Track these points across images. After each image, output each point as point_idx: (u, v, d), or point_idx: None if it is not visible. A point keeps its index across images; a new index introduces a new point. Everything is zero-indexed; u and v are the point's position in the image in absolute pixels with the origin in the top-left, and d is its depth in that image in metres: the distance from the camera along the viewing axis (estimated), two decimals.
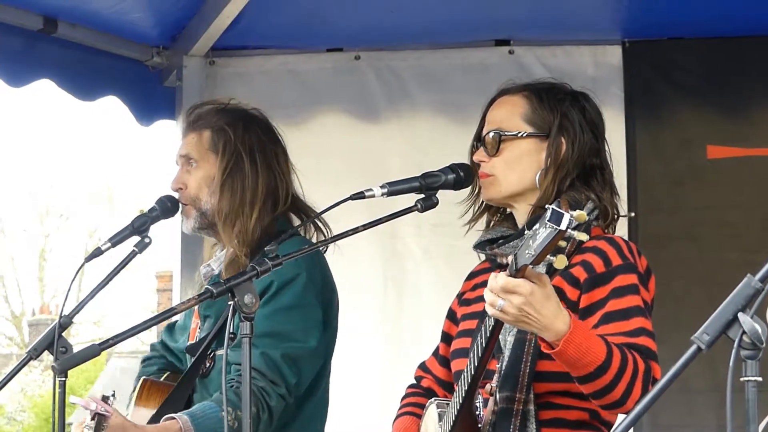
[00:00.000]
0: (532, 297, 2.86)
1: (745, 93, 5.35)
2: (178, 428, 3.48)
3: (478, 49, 5.48)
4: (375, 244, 5.38)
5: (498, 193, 3.34)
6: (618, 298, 3.14)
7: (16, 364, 3.41)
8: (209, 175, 3.83)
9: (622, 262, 3.19)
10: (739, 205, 5.30)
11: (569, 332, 2.92)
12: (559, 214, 2.67)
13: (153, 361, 4.05)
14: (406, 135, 5.49)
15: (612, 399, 3.01)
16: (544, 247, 2.71)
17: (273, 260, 3.04)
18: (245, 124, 3.86)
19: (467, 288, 3.53)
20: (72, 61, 5.26)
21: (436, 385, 3.53)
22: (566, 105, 3.35)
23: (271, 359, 3.60)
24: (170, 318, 3.53)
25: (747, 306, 2.17)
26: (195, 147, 3.86)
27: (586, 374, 2.98)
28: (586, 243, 3.12)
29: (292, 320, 3.66)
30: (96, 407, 3.32)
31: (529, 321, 2.90)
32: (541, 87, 3.40)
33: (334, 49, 5.55)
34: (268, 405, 3.57)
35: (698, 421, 5.11)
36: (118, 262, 3.52)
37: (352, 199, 3.15)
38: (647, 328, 3.12)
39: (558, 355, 2.95)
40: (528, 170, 3.31)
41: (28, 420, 31.58)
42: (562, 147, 3.30)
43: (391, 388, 3.78)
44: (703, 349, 2.18)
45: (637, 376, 3.00)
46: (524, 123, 3.34)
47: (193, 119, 3.91)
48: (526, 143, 3.33)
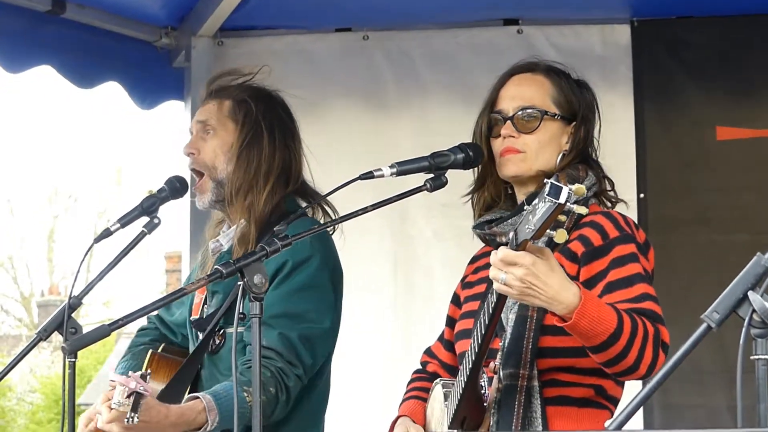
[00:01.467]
0: (535, 268, 2.86)
1: (754, 73, 5.32)
2: (202, 408, 3.47)
3: (486, 28, 5.46)
4: (385, 226, 5.38)
5: (528, 171, 3.33)
6: (619, 267, 3.15)
7: (25, 345, 3.41)
8: (226, 142, 3.82)
9: (620, 234, 3.20)
10: (750, 187, 5.28)
11: (581, 304, 2.92)
12: (558, 188, 2.69)
13: (147, 332, 4.05)
14: (415, 115, 5.48)
15: (625, 365, 3.02)
16: (544, 221, 2.72)
17: (282, 240, 3.04)
18: (267, 100, 3.87)
19: (469, 271, 3.54)
20: (74, 46, 5.24)
21: (442, 369, 3.54)
22: (585, 92, 3.41)
23: (289, 340, 3.60)
24: (180, 298, 3.52)
25: (757, 284, 2.17)
26: (214, 114, 3.84)
27: (599, 344, 2.98)
28: (584, 218, 3.14)
29: (307, 301, 3.66)
30: (135, 385, 3.23)
31: (534, 293, 2.90)
32: (561, 71, 3.43)
33: (342, 29, 5.54)
34: (286, 385, 3.57)
35: (708, 402, 5.10)
36: (127, 243, 3.52)
37: (361, 179, 3.15)
38: (651, 294, 3.13)
39: (571, 328, 2.95)
40: (553, 152, 3.34)
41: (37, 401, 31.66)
42: (581, 133, 3.35)
43: (401, 370, 3.78)
44: (713, 327, 2.18)
45: (647, 341, 3.01)
46: (554, 105, 3.37)
47: (215, 88, 3.90)
48: (556, 125, 3.35)
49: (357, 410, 5.08)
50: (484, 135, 3.40)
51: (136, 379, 3.24)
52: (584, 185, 2.94)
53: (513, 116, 3.35)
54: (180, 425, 3.47)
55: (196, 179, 3.87)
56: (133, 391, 3.23)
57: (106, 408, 3.33)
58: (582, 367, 3.16)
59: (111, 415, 3.31)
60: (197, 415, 3.47)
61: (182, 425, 3.47)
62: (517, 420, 3.14)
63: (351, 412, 4.95)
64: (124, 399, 3.23)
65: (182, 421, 3.46)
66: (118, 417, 3.29)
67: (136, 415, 3.23)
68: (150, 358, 3.80)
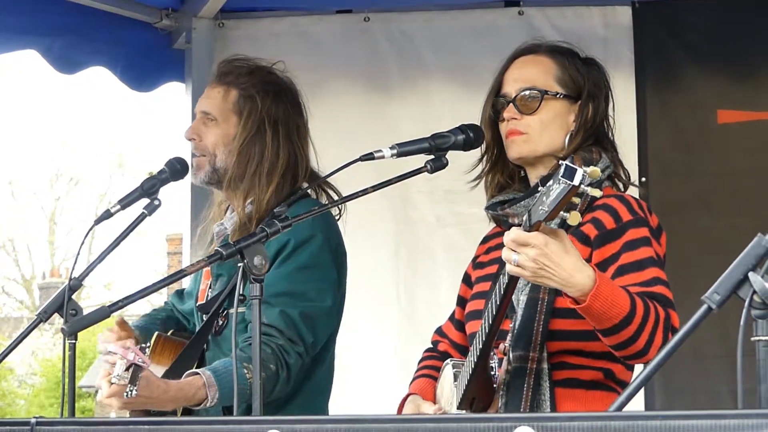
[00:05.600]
0: (548, 248, 2.85)
1: (756, 56, 5.30)
2: (202, 383, 3.47)
3: (487, 10, 5.45)
4: (387, 210, 5.38)
5: (533, 152, 3.33)
6: (631, 250, 3.14)
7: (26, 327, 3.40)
8: (228, 134, 3.81)
9: (633, 217, 3.19)
10: (750, 170, 5.27)
11: (596, 287, 2.91)
12: (573, 170, 2.67)
13: (163, 311, 4.06)
14: (416, 97, 5.47)
15: (635, 349, 3.01)
16: (558, 202, 2.70)
17: (283, 222, 3.03)
18: (275, 94, 3.84)
19: (481, 251, 3.53)
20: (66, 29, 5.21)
21: (453, 348, 3.54)
22: (592, 70, 3.39)
23: (290, 317, 3.60)
24: (180, 279, 3.52)
25: (758, 265, 2.16)
26: (218, 105, 3.83)
27: (611, 326, 2.98)
28: (597, 201, 3.13)
29: (308, 279, 3.67)
30: (134, 357, 3.20)
31: (548, 274, 2.89)
32: (566, 50, 3.41)
33: (343, 10, 5.53)
34: (286, 362, 3.57)
35: (710, 386, 5.10)
36: (127, 225, 3.51)
37: (361, 160, 3.14)
38: (662, 278, 3.13)
39: (584, 311, 2.94)
40: (559, 131, 3.33)
41: (39, 383, 31.71)
42: (589, 111, 3.33)
43: (404, 352, 3.79)
44: (714, 308, 2.17)
45: (658, 325, 3.01)
46: (557, 84, 3.35)
47: (224, 71, 3.88)
48: (560, 104, 3.34)
49: (358, 394, 5.08)
50: (491, 119, 3.39)
51: (135, 351, 3.21)
52: (599, 167, 2.93)
53: (515, 98, 3.34)
54: (179, 400, 3.47)
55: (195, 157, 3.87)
56: (131, 363, 3.20)
57: (106, 382, 3.31)
58: (591, 350, 3.16)
59: (111, 389, 3.28)
60: (197, 391, 3.46)
61: (181, 400, 3.47)
62: (526, 402, 3.14)
63: (351, 396, 4.95)
64: (123, 372, 3.20)
65: (181, 396, 3.46)
66: (118, 391, 3.26)
67: (135, 387, 3.21)
68: (156, 340, 3.81)
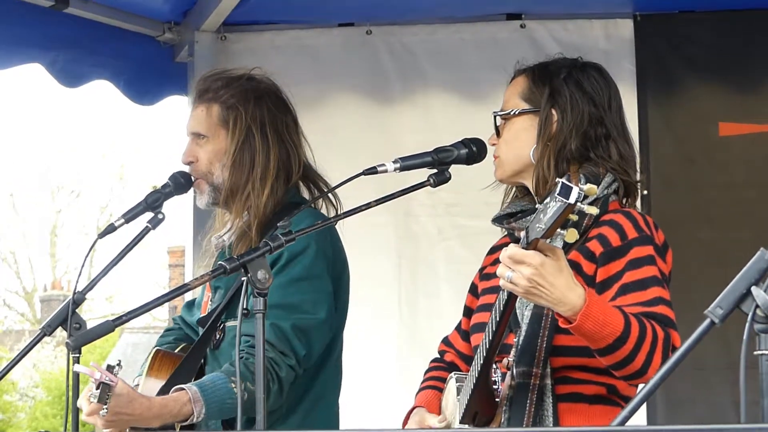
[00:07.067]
0: (543, 268, 2.86)
1: (757, 68, 5.31)
2: (188, 399, 3.47)
3: (489, 23, 5.46)
4: (390, 223, 5.39)
5: (503, 174, 3.38)
6: (634, 269, 3.14)
7: (28, 340, 3.41)
8: (220, 149, 3.82)
9: (638, 235, 3.18)
10: (752, 183, 5.28)
11: (586, 306, 2.91)
12: (568, 188, 2.69)
13: (171, 332, 4.06)
14: (418, 110, 5.48)
15: (633, 369, 3.01)
16: (554, 220, 2.72)
17: (286, 236, 3.04)
18: (256, 98, 3.84)
19: (488, 262, 3.54)
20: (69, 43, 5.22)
21: (459, 359, 3.54)
22: (559, 78, 3.33)
23: (281, 330, 3.60)
24: (183, 294, 3.53)
25: (760, 279, 2.16)
26: (204, 123, 3.85)
27: (606, 346, 2.98)
28: (604, 216, 3.14)
29: (301, 291, 3.66)
30: (100, 376, 3.24)
31: (539, 293, 2.90)
32: (540, 64, 3.40)
33: (345, 24, 5.54)
34: (277, 376, 3.57)
35: (712, 398, 5.10)
36: (130, 238, 3.51)
37: (364, 174, 3.15)
38: (665, 297, 3.12)
39: (576, 330, 2.95)
40: (525, 146, 3.32)
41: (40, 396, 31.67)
42: (553, 119, 3.30)
43: (406, 364, 3.79)
44: (717, 322, 2.17)
45: (656, 346, 3.00)
46: (521, 101, 3.36)
47: (202, 89, 3.89)
48: (521, 120, 3.35)
49: (359, 406, 5.07)
50: None
51: (100, 370, 3.25)
52: (602, 184, 2.92)
53: (495, 124, 3.39)
54: (164, 416, 3.46)
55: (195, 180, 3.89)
56: (99, 382, 3.24)
57: (86, 402, 3.33)
58: (595, 366, 3.15)
59: (90, 407, 3.32)
60: (182, 407, 3.46)
61: (167, 416, 3.46)
62: (529, 417, 3.14)
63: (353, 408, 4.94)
64: (96, 391, 3.25)
65: (166, 412, 3.46)
66: (96, 410, 3.30)
67: (105, 406, 3.25)
68: (154, 355, 3.81)
